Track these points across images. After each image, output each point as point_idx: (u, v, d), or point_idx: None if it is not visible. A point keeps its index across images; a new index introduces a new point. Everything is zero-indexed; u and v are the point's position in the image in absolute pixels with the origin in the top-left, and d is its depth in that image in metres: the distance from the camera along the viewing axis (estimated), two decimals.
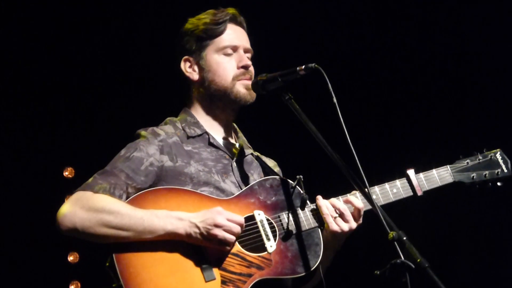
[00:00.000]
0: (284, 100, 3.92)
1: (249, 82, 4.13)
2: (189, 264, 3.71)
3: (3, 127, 6.37)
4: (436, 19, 6.64)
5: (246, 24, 4.29)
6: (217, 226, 3.71)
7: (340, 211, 3.96)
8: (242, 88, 4.13)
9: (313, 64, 3.81)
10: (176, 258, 3.71)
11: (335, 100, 3.65)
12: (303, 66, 3.84)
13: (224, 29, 4.19)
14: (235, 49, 4.19)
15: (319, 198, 4.01)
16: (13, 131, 6.40)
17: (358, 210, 3.98)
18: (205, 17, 4.21)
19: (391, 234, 3.36)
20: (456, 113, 6.57)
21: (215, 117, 4.21)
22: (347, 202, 4.01)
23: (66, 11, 6.40)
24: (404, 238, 3.36)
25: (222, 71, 4.15)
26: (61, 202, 3.86)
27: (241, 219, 3.78)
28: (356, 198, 4.01)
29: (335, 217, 3.95)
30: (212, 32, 4.17)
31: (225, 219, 3.73)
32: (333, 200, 4.00)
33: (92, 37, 6.47)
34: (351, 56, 6.81)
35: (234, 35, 4.21)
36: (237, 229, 3.75)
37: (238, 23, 4.25)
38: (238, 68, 4.16)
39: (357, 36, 6.84)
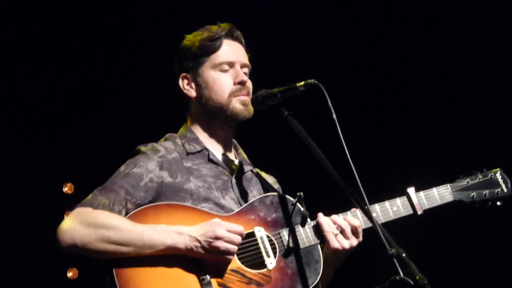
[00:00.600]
0: (283, 116, 3.93)
1: (246, 98, 4.13)
2: (189, 279, 3.71)
3: (3, 143, 6.37)
4: (437, 35, 6.65)
5: (244, 38, 4.28)
6: (218, 238, 3.71)
7: (341, 228, 3.96)
8: (238, 104, 4.12)
9: (312, 80, 3.82)
10: (176, 274, 3.71)
11: (334, 116, 3.66)
12: (303, 82, 3.86)
13: (220, 44, 4.17)
14: (231, 64, 4.17)
15: (320, 215, 4.00)
16: (13, 147, 6.40)
17: (356, 228, 3.97)
18: (202, 33, 4.20)
19: (390, 250, 3.37)
20: (457, 132, 6.57)
21: (214, 134, 4.21)
22: (344, 220, 4.00)
23: (64, 31, 6.42)
24: (404, 254, 3.36)
25: (218, 88, 4.14)
26: (60, 218, 3.86)
27: (241, 228, 3.77)
28: (352, 217, 4.01)
29: (336, 234, 3.95)
30: (208, 48, 4.16)
31: (225, 230, 3.72)
32: (334, 217, 3.99)
33: (93, 52, 6.48)
34: (351, 72, 6.82)
35: (230, 51, 4.19)
36: (238, 239, 3.75)
37: (235, 38, 4.23)
38: (235, 84, 4.14)
39: (357, 52, 6.85)
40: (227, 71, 4.17)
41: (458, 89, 6.64)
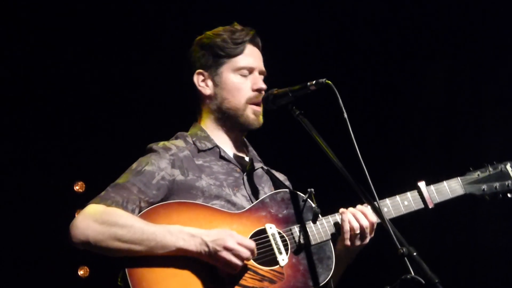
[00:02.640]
0: (294, 115, 3.94)
1: (259, 109, 4.16)
2: (201, 278, 3.71)
3: (14, 141, 6.38)
4: (448, 32, 6.64)
5: (262, 44, 4.29)
6: (226, 249, 3.70)
7: (362, 228, 3.94)
8: (252, 114, 4.14)
9: (323, 80, 3.82)
10: (188, 273, 3.71)
11: (345, 115, 3.66)
12: (314, 81, 3.86)
13: (243, 49, 4.18)
14: (251, 70, 4.19)
15: (346, 212, 3.97)
16: (23, 145, 6.41)
17: (372, 224, 3.97)
18: (223, 33, 4.20)
19: (401, 249, 3.37)
20: (467, 125, 6.56)
21: (225, 133, 4.22)
22: (362, 213, 3.97)
23: (75, 30, 6.44)
24: (414, 253, 3.37)
25: (236, 92, 4.15)
26: (71, 216, 3.86)
27: (252, 245, 3.76)
28: (371, 212, 3.98)
29: (355, 234, 3.94)
30: (231, 51, 4.17)
31: (235, 242, 3.71)
32: (358, 215, 3.96)
33: (105, 51, 6.49)
34: (362, 70, 6.81)
35: (252, 57, 4.21)
36: (246, 254, 3.72)
37: (256, 44, 4.25)
38: (253, 90, 4.16)
39: (367, 50, 6.85)
40: (246, 76, 4.19)
41: (467, 82, 6.62)
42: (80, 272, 6.56)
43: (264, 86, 4.18)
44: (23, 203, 6.37)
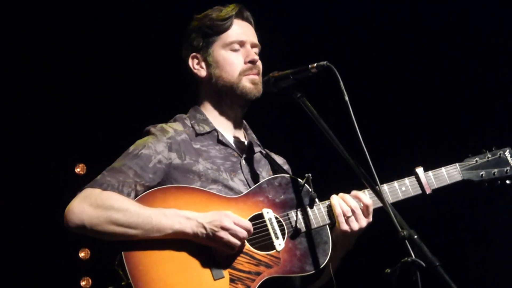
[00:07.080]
0: (295, 98, 3.93)
1: (256, 77, 4.14)
2: (197, 262, 3.72)
3: (15, 124, 6.39)
4: (448, 17, 6.62)
5: (254, 19, 4.28)
6: (223, 228, 3.70)
7: (352, 209, 3.96)
8: (248, 83, 4.13)
9: (325, 62, 3.81)
10: (184, 256, 3.72)
11: (346, 98, 3.65)
12: (315, 64, 3.85)
13: (231, 24, 4.19)
14: (242, 44, 4.19)
15: (334, 196, 4.00)
16: (25, 127, 6.42)
17: (367, 207, 3.97)
18: (211, 13, 4.22)
19: (402, 232, 3.38)
20: (465, 111, 6.55)
21: (224, 114, 4.22)
22: (355, 197, 4.00)
23: (75, 12, 6.43)
24: (415, 236, 3.37)
25: (229, 67, 4.15)
26: (72, 198, 3.86)
27: (249, 224, 3.77)
28: (365, 195, 4.01)
29: (348, 217, 3.95)
30: (218, 28, 4.18)
31: (232, 222, 3.72)
32: (346, 197, 3.99)
33: (104, 35, 6.50)
34: (362, 54, 6.79)
35: (241, 30, 4.21)
36: (243, 233, 3.74)
37: (245, 18, 4.25)
38: (245, 63, 4.16)
39: (368, 33, 6.83)
40: (238, 51, 4.18)
41: (466, 68, 6.61)
42: (81, 254, 6.59)
43: (256, 57, 4.18)
44: (25, 186, 6.38)
